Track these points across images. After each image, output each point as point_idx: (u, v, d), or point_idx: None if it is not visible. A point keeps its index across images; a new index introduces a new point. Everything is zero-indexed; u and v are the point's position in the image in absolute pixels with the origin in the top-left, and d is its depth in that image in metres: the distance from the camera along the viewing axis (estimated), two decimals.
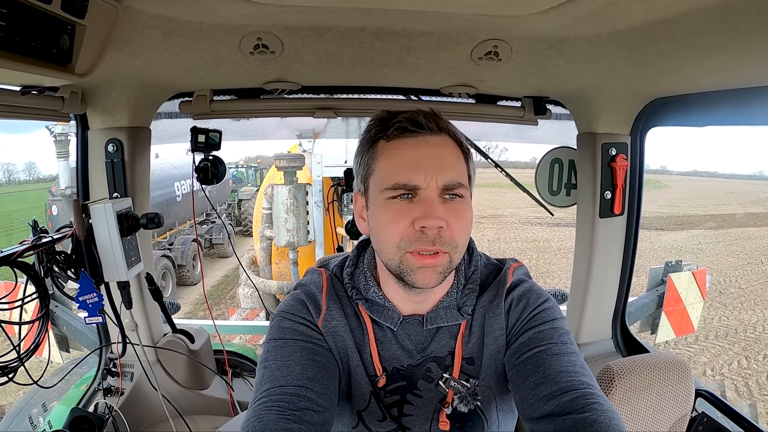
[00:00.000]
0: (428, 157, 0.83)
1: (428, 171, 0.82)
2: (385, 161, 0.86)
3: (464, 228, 0.85)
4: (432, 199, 0.82)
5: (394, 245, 0.84)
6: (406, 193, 0.83)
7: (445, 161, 0.84)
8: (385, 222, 0.85)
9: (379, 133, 0.88)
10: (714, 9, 0.91)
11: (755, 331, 9.64)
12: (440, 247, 0.82)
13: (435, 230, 0.81)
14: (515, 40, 1.29)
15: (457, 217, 0.83)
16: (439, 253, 0.83)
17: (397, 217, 0.83)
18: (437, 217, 0.81)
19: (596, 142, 1.78)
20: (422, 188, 0.82)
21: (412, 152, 0.84)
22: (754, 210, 26.85)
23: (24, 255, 1.31)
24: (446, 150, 0.86)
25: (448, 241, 0.83)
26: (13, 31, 0.89)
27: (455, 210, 0.84)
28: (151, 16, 1.12)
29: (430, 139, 0.85)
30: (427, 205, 0.81)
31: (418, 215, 0.81)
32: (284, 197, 6.05)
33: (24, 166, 58.51)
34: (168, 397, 1.88)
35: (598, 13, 1.05)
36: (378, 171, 0.87)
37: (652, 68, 1.32)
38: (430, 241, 0.82)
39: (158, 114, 1.88)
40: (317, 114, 1.94)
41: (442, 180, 0.82)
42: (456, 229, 0.83)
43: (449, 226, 0.82)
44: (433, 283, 0.85)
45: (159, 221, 1.60)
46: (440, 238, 0.82)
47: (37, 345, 1.39)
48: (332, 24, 1.23)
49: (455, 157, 0.87)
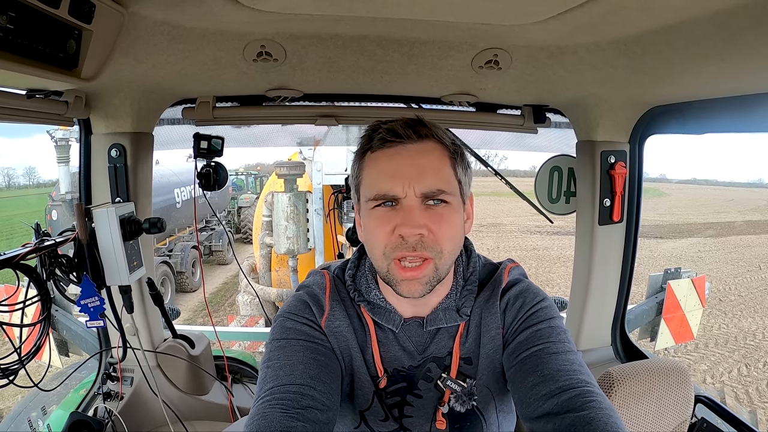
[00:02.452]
0: (406, 166, 0.85)
1: (405, 180, 0.84)
2: (368, 172, 0.89)
3: (449, 233, 0.86)
4: (412, 207, 0.84)
5: (381, 252, 0.87)
6: (388, 201, 0.85)
7: (425, 168, 0.85)
8: (371, 229, 0.88)
9: (366, 144, 0.90)
10: (712, 17, 0.92)
11: (755, 339, 9.62)
12: (422, 252, 0.84)
13: (415, 237, 0.83)
14: (515, 49, 1.31)
15: (440, 223, 0.85)
16: (423, 264, 0.85)
17: (379, 225, 0.86)
18: (415, 225, 0.83)
19: (595, 150, 1.79)
20: (401, 197, 0.84)
21: (391, 162, 0.86)
22: (754, 218, 26.91)
23: (26, 258, 1.31)
24: (427, 157, 0.87)
25: (432, 246, 0.85)
26: (21, 34, 0.91)
27: (439, 216, 0.85)
28: (156, 23, 1.14)
29: (411, 147, 0.87)
30: (406, 213, 0.84)
31: (398, 222, 0.84)
32: (284, 205, 6.07)
33: (24, 171, 58.63)
34: (168, 402, 1.87)
35: (598, 22, 1.06)
36: (364, 181, 0.90)
37: (651, 76, 1.34)
38: (411, 247, 0.84)
39: (160, 120, 1.89)
40: (319, 121, 1.95)
41: (420, 188, 0.84)
42: (439, 234, 0.85)
43: (432, 231, 0.84)
44: (419, 293, 0.87)
45: (161, 226, 1.60)
46: (422, 244, 0.84)
47: (38, 348, 1.39)
48: (335, 32, 1.25)
49: (438, 162, 0.87)
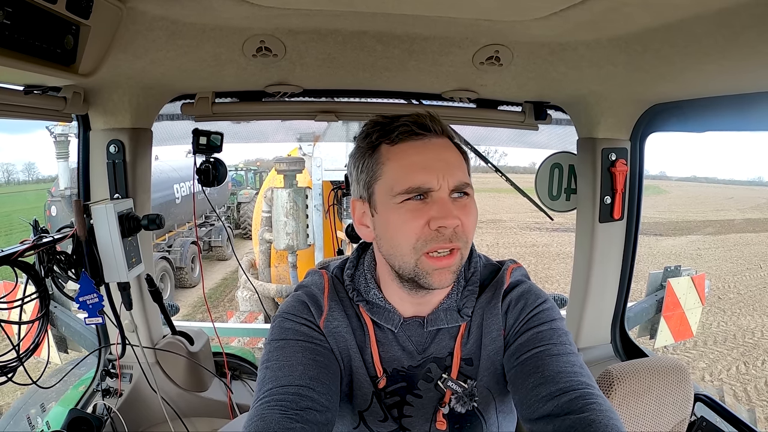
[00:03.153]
0: (436, 159, 0.86)
1: (439, 173, 0.84)
2: (393, 165, 0.87)
3: (474, 223, 0.89)
4: (445, 199, 0.84)
5: (410, 246, 0.85)
6: (419, 195, 0.85)
7: (452, 163, 0.87)
8: (399, 224, 0.85)
9: (382, 137, 0.88)
10: (713, 15, 0.92)
11: (753, 337, 9.65)
12: (456, 243, 0.85)
13: (452, 229, 0.84)
14: (516, 45, 1.30)
15: (467, 214, 0.87)
16: (453, 252, 0.85)
17: (411, 218, 0.84)
18: (454, 216, 0.84)
19: (596, 147, 1.78)
20: (435, 189, 0.84)
21: (421, 155, 0.86)
22: (753, 216, 26.95)
23: (25, 255, 1.31)
24: (451, 152, 0.89)
25: (462, 236, 0.86)
26: (19, 30, 0.89)
27: (465, 207, 0.87)
28: (155, 18, 1.12)
29: (436, 141, 0.88)
30: (442, 206, 0.83)
31: (434, 215, 0.83)
32: (284, 200, 6.05)
33: (23, 167, 58.61)
34: (167, 398, 1.87)
35: (599, 19, 1.05)
36: (386, 175, 0.87)
37: (652, 74, 1.33)
38: (447, 239, 0.84)
39: (159, 116, 1.88)
40: (319, 117, 1.94)
41: (453, 181, 0.85)
42: (467, 225, 0.87)
43: (462, 223, 0.85)
44: (448, 282, 0.87)
45: (160, 222, 1.60)
46: (456, 235, 0.85)
47: (37, 345, 1.39)
48: (335, 27, 1.24)
49: (458, 158, 0.90)
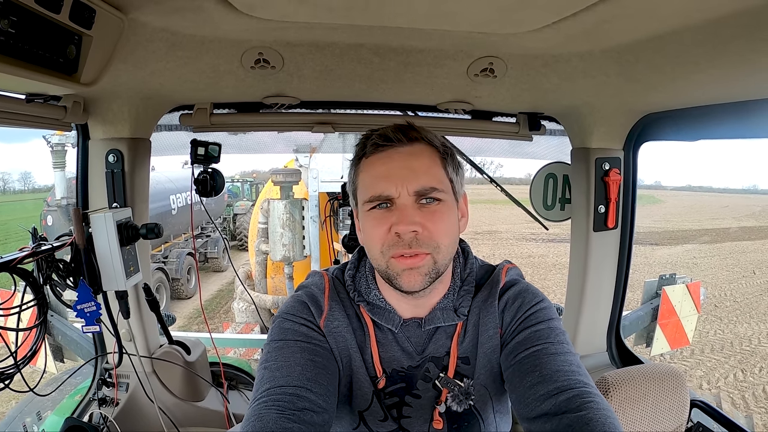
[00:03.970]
0: (398, 167, 0.89)
1: (398, 180, 0.88)
2: (363, 176, 0.93)
3: (445, 229, 0.90)
4: (406, 205, 0.88)
5: (378, 251, 0.90)
6: (383, 202, 0.89)
7: (416, 169, 0.89)
8: (368, 230, 0.92)
9: (360, 151, 0.94)
10: (703, 26, 0.94)
11: (751, 344, 9.63)
12: (417, 249, 0.87)
13: (410, 234, 0.87)
14: (510, 57, 1.32)
15: (434, 220, 0.88)
16: (419, 254, 0.87)
17: (376, 225, 0.89)
18: (410, 222, 0.86)
19: (590, 157, 1.81)
20: (395, 197, 0.88)
21: (384, 165, 0.90)
22: (749, 224, 27.10)
23: (24, 262, 1.31)
24: (418, 158, 0.91)
25: (427, 242, 0.88)
26: (22, 38, 0.91)
27: (432, 213, 0.89)
28: (155, 29, 1.14)
29: (402, 149, 0.91)
30: (401, 212, 0.87)
31: (394, 221, 0.87)
32: (280, 212, 6.05)
33: (20, 176, 58.41)
34: (163, 408, 1.86)
35: (591, 30, 1.08)
36: (359, 186, 0.94)
37: (644, 84, 1.36)
38: (406, 245, 0.87)
39: (157, 126, 1.89)
40: (316, 129, 1.97)
41: (413, 187, 0.88)
42: (434, 230, 0.88)
43: (426, 228, 0.87)
44: (419, 284, 0.89)
45: (159, 232, 1.60)
46: (417, 241, 0.87)
47: (34, 352, 1.39)
48: (332, 40, 1.26)
49: (429, 163, 0.91)
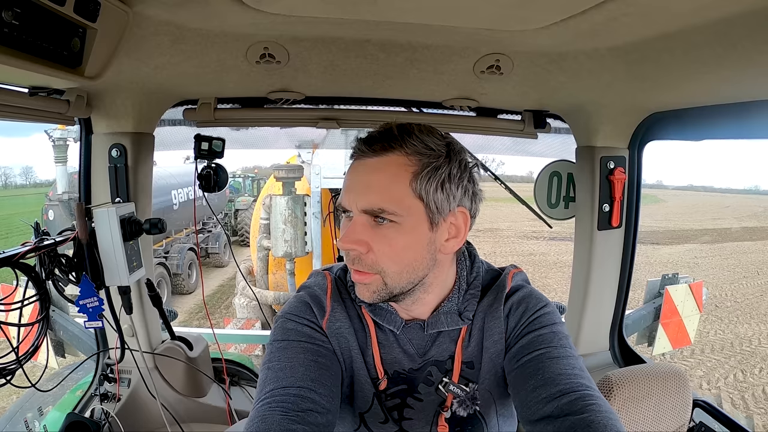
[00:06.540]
0: (356, 181, 0.86)
1: (353, 195, 0.85)
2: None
3: (389, 254, 0.84)
4: (356, 222, 0.84)
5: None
6: (347, 212, 0.87)
7: (371, 185, 0.83)
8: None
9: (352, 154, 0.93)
10: (712, 25, 0.93)
11: (751, 345, 9.63)
12: (359, 267, 0.85)
13: (352, 253, 0.85)
14: (517, 55, 1.32)
15: (380, 243, 0.83)
16: (364, 273, 0.86)
17: (341, 234, 0.87)
18: (348, 240, 0.84)
19: (595, 156, 1.80)
20: (350, 210, 0.86)
21: (350, 176, 0.88)
22: (750, 224, 27.08)
23: (26, 257, 1.31)
24: (379, 173, 0.83)
25: (371, 265, 0.85)
26: (27, 31, 0.90)
27: (381, 236, 0.83)
28: (160, 23, 1.14)
29: (367, 162, 0.85)
30: (349, 228, 0.85)
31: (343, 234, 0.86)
32: (282, 208, 6.04)
33: (21, 170, 58.49)
34: (165, 404, 1.86)
35: (599, 28, 1.07)
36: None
37: (651, 83, 1.35)
38: (351, 261, 0.86)
39: (160, 121, 1.88)
40: (320, 124, 1.95)
41: (361, 204, 0.84)
42: (378, 254, 0.84)
43: (372, 250, 0.84)
44: (367, 299, 0.88)
45: (162, 227, 1.60)
46: (360, 261, 0.85)
47: (36, 347, 1.38)
48: (338, 35, 1.25)
49: (391, 179, 0.82)
